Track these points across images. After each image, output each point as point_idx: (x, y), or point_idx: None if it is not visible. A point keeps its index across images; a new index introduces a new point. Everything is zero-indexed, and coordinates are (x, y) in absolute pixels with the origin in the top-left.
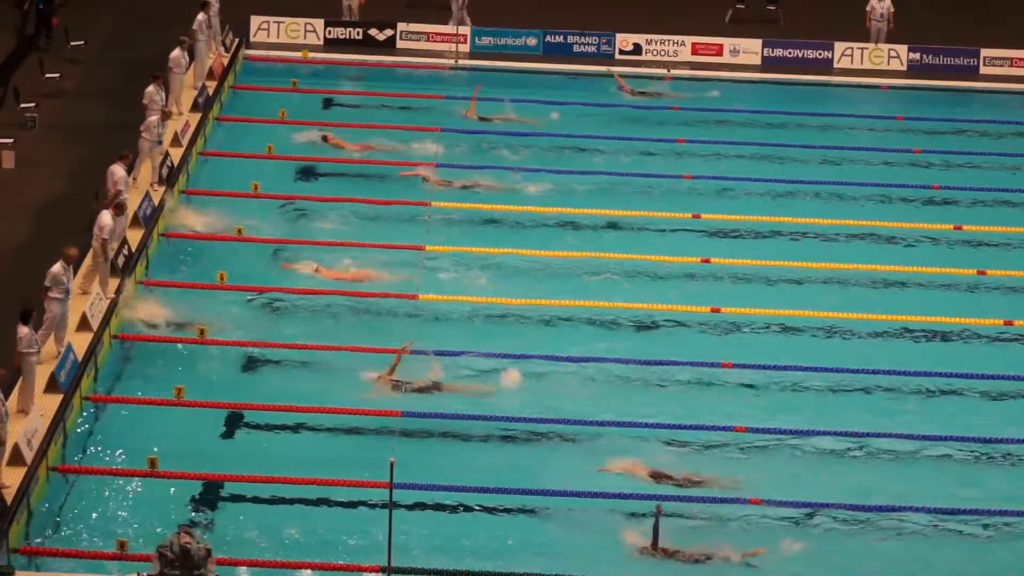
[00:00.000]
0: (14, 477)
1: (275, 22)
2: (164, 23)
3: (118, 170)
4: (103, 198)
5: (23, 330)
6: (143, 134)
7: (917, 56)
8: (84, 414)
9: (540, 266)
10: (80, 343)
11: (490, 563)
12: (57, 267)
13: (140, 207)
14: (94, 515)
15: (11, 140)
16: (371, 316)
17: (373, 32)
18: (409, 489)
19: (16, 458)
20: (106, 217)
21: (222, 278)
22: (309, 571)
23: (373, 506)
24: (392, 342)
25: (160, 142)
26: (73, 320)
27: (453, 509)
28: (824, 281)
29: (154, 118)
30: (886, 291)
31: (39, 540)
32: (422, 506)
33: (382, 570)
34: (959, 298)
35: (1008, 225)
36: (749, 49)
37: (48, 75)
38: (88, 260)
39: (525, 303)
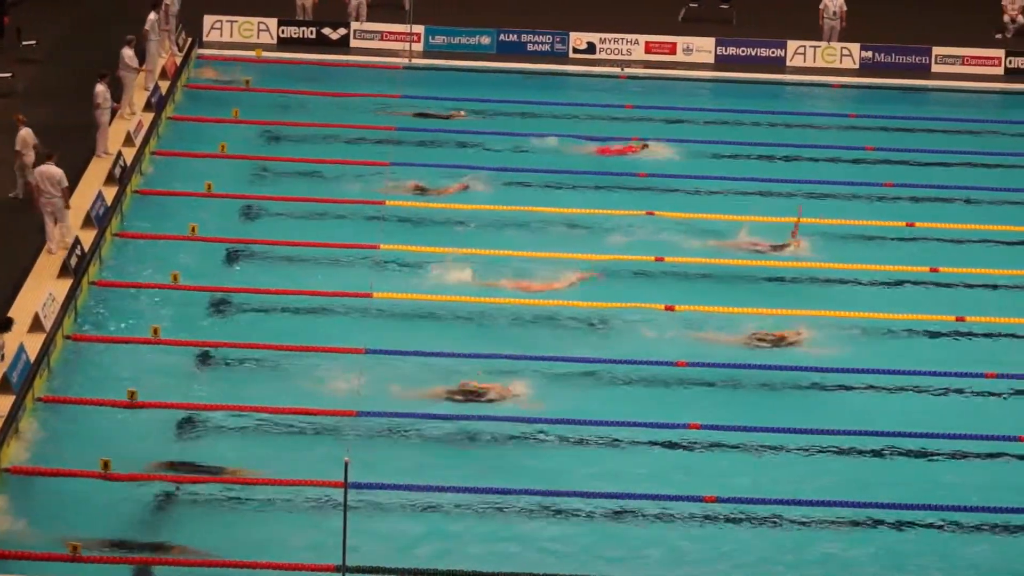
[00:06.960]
0: None
1: (228, 21)
2: (117, 23)
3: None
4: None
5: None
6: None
7: (869, 54)
8: (37, 415)
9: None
10: (32, 344)
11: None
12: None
13: (93, 207)
14: (46, 517)
15: None
16: (324, 314)
17: (327, 31)
18: (365, 488)
19: None
20: (52, 170)
21: (175, 278)
22: None
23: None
24: (346, 340)
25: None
26: (24, 321)
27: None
28: (774, 279)
29: (100, 87)
30: (837, 288)
31: None
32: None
33: (337, 569)
34: (911, 294)
35: (960, 222)
36: (702, 48)
37: None
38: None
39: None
